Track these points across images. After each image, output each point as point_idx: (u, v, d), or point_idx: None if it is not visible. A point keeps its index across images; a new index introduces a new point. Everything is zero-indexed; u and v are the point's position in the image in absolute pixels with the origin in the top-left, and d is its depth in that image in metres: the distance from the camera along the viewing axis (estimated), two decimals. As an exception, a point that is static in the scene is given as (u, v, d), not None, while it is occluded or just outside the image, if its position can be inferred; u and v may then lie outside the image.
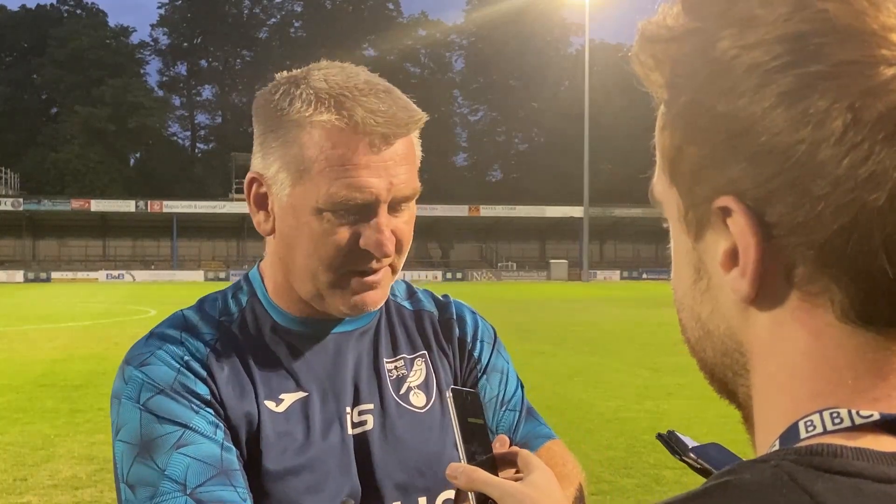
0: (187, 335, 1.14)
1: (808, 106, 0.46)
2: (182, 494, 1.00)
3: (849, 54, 0.45)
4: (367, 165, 1.05)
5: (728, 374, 0.55)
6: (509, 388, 1.32)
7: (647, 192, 0.58)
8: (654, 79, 0.55)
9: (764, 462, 0.46)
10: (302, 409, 1.14)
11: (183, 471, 1.01)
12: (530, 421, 1.31)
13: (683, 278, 0.57)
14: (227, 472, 1.03)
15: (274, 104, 1.10)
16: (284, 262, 1.15)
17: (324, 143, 1.06)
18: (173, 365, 1.10)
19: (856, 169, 0.45)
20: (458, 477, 0.96)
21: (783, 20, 0.47)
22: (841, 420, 0.47)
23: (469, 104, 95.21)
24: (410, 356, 1.26)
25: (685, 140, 0.52)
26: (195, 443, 1.04)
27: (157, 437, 1.04)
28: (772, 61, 0.47)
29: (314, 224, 1.08)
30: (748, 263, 0.49)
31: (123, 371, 1.10)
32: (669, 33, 0.53)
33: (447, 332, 1.31)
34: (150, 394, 1.07)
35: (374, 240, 1.08)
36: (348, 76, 1.09)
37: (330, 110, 1.05)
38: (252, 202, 1.16)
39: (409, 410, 1.21)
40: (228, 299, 1.21)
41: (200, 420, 1.06)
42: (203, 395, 1.09)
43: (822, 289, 0.48)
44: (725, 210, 0.50)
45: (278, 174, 1.10)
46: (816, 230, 0.47)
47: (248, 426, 1.11)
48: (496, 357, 1.33)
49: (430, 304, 1.33)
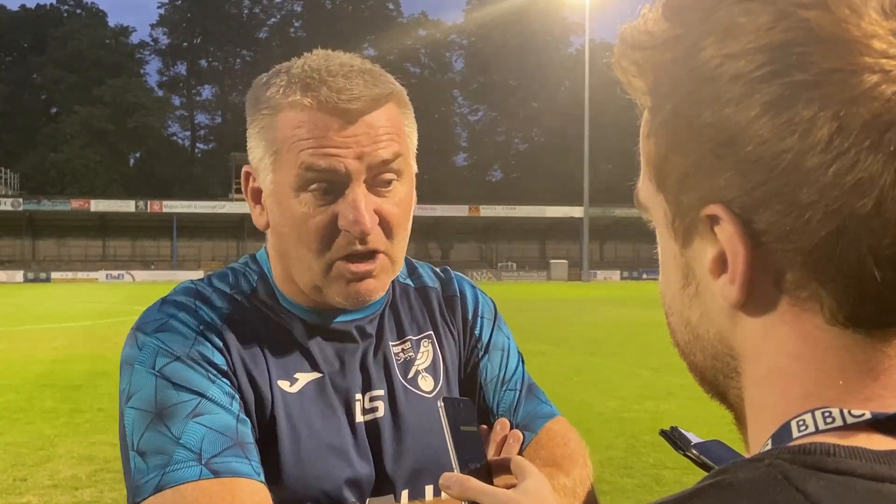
0: (202, 304, 1.12)
1: (793, 115, 0.46)
2: (197, 464, 0.97)
3: (832, 63, 0.45)
4: (331, 139, 1.05)
5: (719, 376, 0.56)
6: (510, 366, 1.31)
7: (633, 197, 0.59)
8: (637, 85, 0.55)
9: (757, 461, 0.46)
10: (317, 391, 1.13)
11: (198, 440, 0.99)
12: (531, 400, 1.29)
13: (672, 283, 0.57)
14: (242, 445, 1.01)
15: (256, 95, 1.12)
16: (281, 256, 1.14)
17: (292, 123, 1.06)
18: (189, 333, 1.07)
19: (842, 176, 0.45)
20: (451, 486, 0.95)
21: (766, 29, 0.47)
22: (833, 419, 0.47)
23: (469, 104, 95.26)
24: (416, 337, 1.25)
25: (671, 149, 0.52)
26: (211, 412, 1.02)
27: (173, 404, 1.01)
28: (756, 70, 0.47)
29: (295, 207, 1.08)
30: (737, 270, 0.50)
31: (136, 338, 1.07)
32: (651, 40, 0.53)
33: (451, 309, 1.30)
34: (166, 360, 1.04)
35: (350, 218, 1.06)
36: (326, 60, 1.10)
37: (297, 92, 1.06)
38: (249, 197, 1.16)
39: (418, 396, 1.20)
40: (239, 276, 1.19)
41: (217, 390, 1.04)
42: (220, 365, 1.07)
43: (810, 293, 0.49)
44: (713, 218, 0.50)
45: (262, 161, 1.11)
46: (804, 237, 0.47)
47: (260, 405, 1.09)
48: (497, 334, 1.32)
49: (433, 279, 1.32)
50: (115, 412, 4.81)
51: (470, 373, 1.28)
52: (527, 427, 1.24)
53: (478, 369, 1.28)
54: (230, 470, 0.98)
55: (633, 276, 70.65)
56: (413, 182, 1.16)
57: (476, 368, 1.28)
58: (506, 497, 0.94)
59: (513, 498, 0.94)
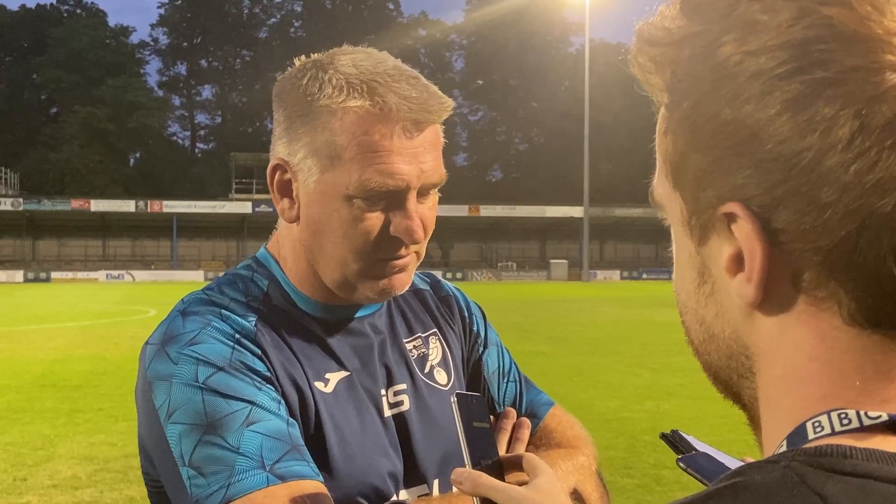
0: (228, 312, 1.10)
1: (814, 113, 0.45)
2: (262, 470, 0.96)
3: (854, 60, 0.45)
4: (399, 152, 1.05)
5: (733, 376, 0.55)
6: (505, 360, 1.36)
7: (648, 194, 0.59)
8: (654, 82, 0.54)
9: (773, 463, 0.46)
10: (348, 389, 1.14)
11: (257, 447, 0.98)
12: (530, 390, 1.35)
13: (687, 281, 0.56)
14: (297, 448, 1.01)
15: (302, 89, 1.07)
16: (310, 251, 1.13)
17: (356, 129, 1.04)
18: (226, 342, 1.06)
19: (863, 176, 0.45)
20: (462, 482, 0.95)
21: (787, 26, 0.47)
22: (849, 421, 0.47)
23: (469, 104, 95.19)
24: (425, 334, 1.28)
25: (689, 146, 0.52)
26: (264, 419, 1.01)
27: (226, 414, 1.00)
28: (777, 68, 0.47)
29: (344, 211, 1.07)
30: (754, 269, 0.49)
31: (167, 353, 1.04)
32: (669, 36, 0.52)
33: (448, 308, 1.34)
34: (209, 371, 1.02)
35: (405, 226, 1.07)
36: (376, 61, 1.08)
37: (363, 96, 1.04)
38: (276, 189, 1.13)
39: (436, 388, 1.23)
40: (248, 283, 1.17)
41: (264, 396, 1.03)
42: (262, 372, 1.06)
43: (828, 293, 0.48)
44: (731, 216, 0.50)
45: (305, 160, 1.08)
46: (823, 236, 0.46)
47: (304, 406, 1.09)
48: (490, 331, 1.38)
49: (423, 282, 1.36)
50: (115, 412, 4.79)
51: (474, 367, 1.33)
52: (533, 415, 1.29)
53: (481, 363, 1.33)
54: (294, 473, 0.98)
55: (633, 276, 70.62)
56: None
57: (479, 362, 1.33)
58: (517, 493, 0.94)
59: (524, 494, 0.95)
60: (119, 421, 8.03)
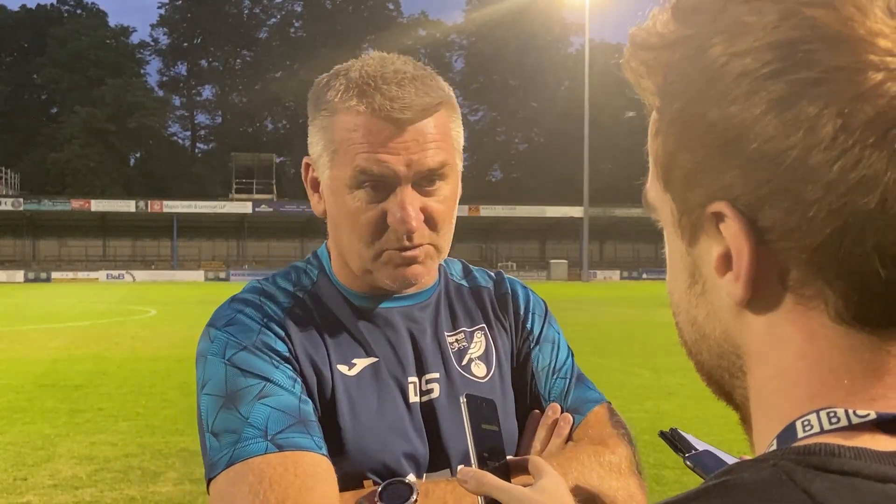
0: (265, 300, 1.23)
1: (798, 112, 0.46)
2: (263, 440, 1.07)
3: (837, 60, 0.46)
4: (383, 145, 1.15)
5: (725, 375, 0.56)
6: (560, 356, 1.40)
7: (641, 196, 0.59)
8: (646, 85, 0.55)
9: (762, 462, 0.46)
10: (373, 374, 1.23)
11: (264, 419, 1.09)
12: (580, 387, 1.38)
13: (679, 282, 0.57)
14: (304, 422, 1.11)
15: (317, 94, 1.22)
16: (336, 241, 1.26)
17: (348, 127, 1.16)
18: (255, 325, 1.19)
19: (847, 173, 0.45)
20: (467, 481, 0.98)
21: (772, 27, 0.47)
22: (838, 420, 0.47)
23: (469, 104, 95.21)
24: (470, 329, 1.34)
25: (678, 147, 0.52)
26: (276, 394, 1.12)
27: (241, 388, 1.12)
28: (762, 68, 0.47)
29: (349, 202, 1.19)
30: (742, 268, 0.50)
31: (209, 333, 1.20)
32: (660, 41, 0.53)
33: (503, 305, 1.40)
34: (234, 350, 1.16)
35: (398, 216, 1.16)
36: (382, 66, 1.19)
37: (354, 97, 1.16)
38: (308, 185, 1.28)
39: (472, 380, 1.29)
40: (301, 274, 1.30)
41: (280, 374, 1.15)
42: (282, 352, 1.17)
43: (815, 291, 0.49)
44: (718, 215, 0.50)
45: (321, 157, 1.22)
46: (809, 234, 0.47)
47: (322, 386, 1.19)
48: (548, 328, 1.42)
49: (486, 280, 1.43)
50: (115, 412, 4.85)
51: (522, 362, 1.37)
52: (576, 411, 1.32)
53: (529, 359, 1.37)
54: (293, 444, 1.08)
55: (632, 276, 70.69)
56: (458, 178, 1.26)
57: (528, 358, 1.37)
58: (521, 493, 0.95)
59: (527, 495, 0.95)
60: (120, 421, 8.04)
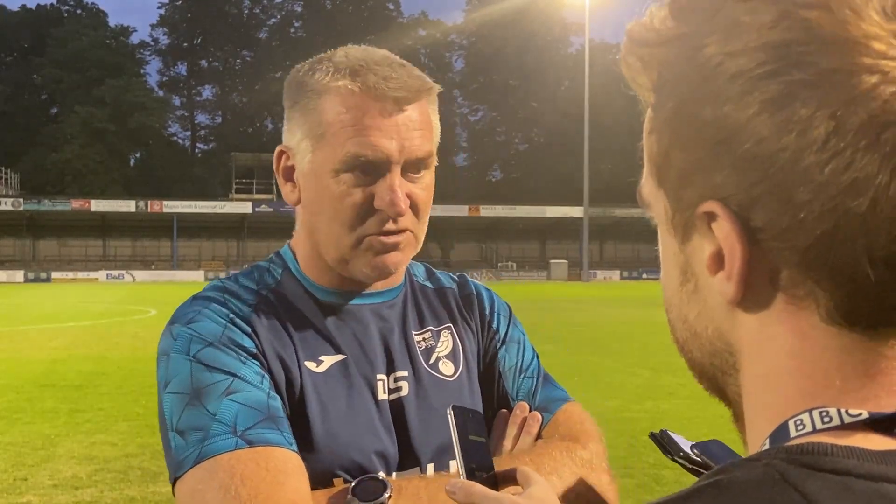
0: (230, 297, 1.21)
1: (791, 113, 0.46)
2: (232, 435, 1.05)
3: (831, 63, 0.46)
4: (379, 127, 1.13)
5: (717, 373, 0.56)
6: (526, 357, 1.41)
7: (636, 193, 0.59)
8: (642, 82, 0.55)
9: (755, 461, 0.46)
10: (341, 371, 1.21)
11: (233, 415, 1.07)
12: (547, 386, 1.39)
13: (671, 280, 0.57)
14: (273, 418, 1.09)
15: (298, 79, 1.20)
16: (310, 230, 1.23)
17: (339, 108, 1.14)
18: (220, 321, 1.16)
19: (838, 176, 0.45)
20: (455, 492, 0.98)
21: (767, 28, 0.47)
22: (830, 419, 0.47)
23: (469, 104, 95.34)
24: (437, 328, 1.34)
25: (672, 145, 0.52)
26: (244, 390, 1.10)
27: (208, 384, 1.09)
28: (756, 69, 0.47)
29: (333, 186, 1.16)
30: (733, 267, 0.50)
31: (171, 330, 1.16)
32: (657, 37, 0.53)
33: (468, 305, 1.41)
34: (199, 346, 1.12)
35: (388, 199, 1.15)
36: (367, 52, 1.19)
37: (346, 77, 1.14)
38: (280, 175, 1.25)
39: (440, 378, 1.29)
40: (264, 273, 1.28)
41: (248, 370, 1.12)
42: (249, 349, 1.15)
43: (806, 292, 0.49)
44: (711, 215, 0.50)
45: (301, 143, 1.19)
46: (800, 235, 0.47)
47: (290, 383, 1.17)
48: (513, 329, 1.43)
49: (450, 282, 1.44)
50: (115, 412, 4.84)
51: (489, 362, 1.38)
52: (545, 409, 1.33)
53: (496, 359, 1.38)
54: (263, 440, 1.06)
55: (632, 276, 70.64)
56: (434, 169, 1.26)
57: (495, 358, 1.38)
58: (510, 502, 0.95)
59: (516, 502, 0.95)
60: (119, 421, 8.04)
